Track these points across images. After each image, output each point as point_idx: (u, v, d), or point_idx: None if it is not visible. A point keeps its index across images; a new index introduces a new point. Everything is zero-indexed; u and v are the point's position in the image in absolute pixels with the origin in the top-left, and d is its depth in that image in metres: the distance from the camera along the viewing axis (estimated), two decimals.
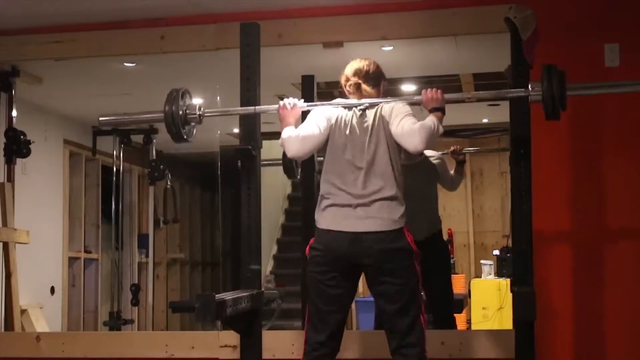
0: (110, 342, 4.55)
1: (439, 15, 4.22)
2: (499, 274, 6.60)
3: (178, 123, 3.13)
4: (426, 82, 6.00)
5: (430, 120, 3.02)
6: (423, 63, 5.32)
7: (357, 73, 3.21)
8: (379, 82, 3.24)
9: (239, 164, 3.49)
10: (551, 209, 3.97)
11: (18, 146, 5.10)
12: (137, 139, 7.11)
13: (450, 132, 7.89)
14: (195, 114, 3.19)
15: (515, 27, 3.27)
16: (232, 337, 4.07)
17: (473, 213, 7.99)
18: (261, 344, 3.39)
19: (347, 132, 3.09)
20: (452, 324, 4.67)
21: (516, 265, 3.27)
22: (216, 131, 5.03)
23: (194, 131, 3.24)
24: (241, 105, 3.46)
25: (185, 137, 3.19)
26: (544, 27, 3.50)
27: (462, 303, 5.88)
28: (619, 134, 4.04)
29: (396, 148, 3.07)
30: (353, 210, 3.01)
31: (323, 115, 3.15)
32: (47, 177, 6.31)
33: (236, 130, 3.59)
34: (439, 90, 3.11)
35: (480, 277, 6.81)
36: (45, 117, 6.21)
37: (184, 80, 5.58)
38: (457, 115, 7.28)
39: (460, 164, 4.72)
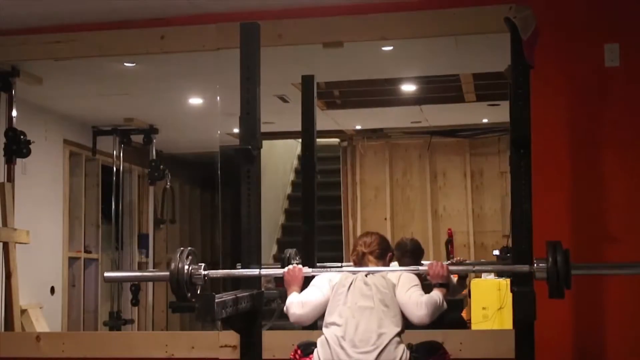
0: (110, 342, 4.55)
1: (439, 15, 4.22)
2: (499, 274, 6.59)
3: (183, 286, 3.15)
4: (426, 82, 6.02)
5: (436, 295, 3.09)
6: (423, 63, 5.32)
7: (364, 244, 3.36)
8: (384, 255, 3.37)
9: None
10: (551, 210, 3.97)
11: (18, 146, 5.10)
12: (137, 139, 7.11)
13: (451, 132, 7.93)
14: (200, 274, 3.20)
15: (515, 27, 3.26)
16: (232, 337, 4.08)
17: (473, 213, 8.00)
18: (261, 344, 3.38)
19: (351, 286, 3.14)
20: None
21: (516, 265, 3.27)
22: (216, 131, 5.03)
23: (199, 291, 3.27)
24: (241, 106, 3.44)
25: (191, 299, 3.22)
26: (544, 27, 3.50)
27: (462, 303, 5.88)
28: (620, 135, 4.04)
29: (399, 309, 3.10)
30: (351, 353, 2.99)
31: (326, 278, 3.24)
32: (47, 177, 6.31)
33: (236, 130, 3.58)
34: (444, 266, 3.17)
35: (480, 277, 6.80)
36: (45, 117, 6.21)
37: (184, 80, 5.64)
38: (457, 115, 7.31)
39: (463, 278, 4.75)
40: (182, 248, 3.22)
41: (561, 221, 4.03)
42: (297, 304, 3.18)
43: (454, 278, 4.71)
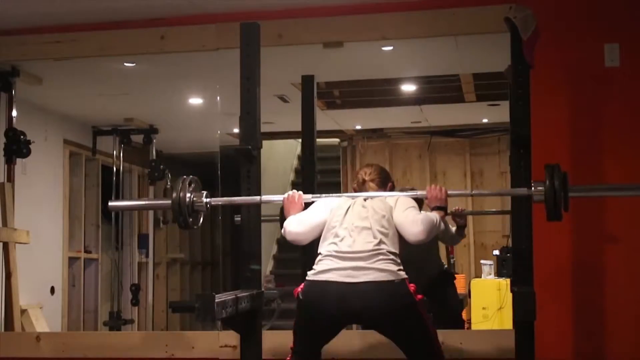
0: (110, 342, 4.55)
1: (439, 15, 4.22)
2: (499, 274, 6.59)
3: (185, 213, 3.15)
4: (426, 82, 6.01)
5: (433, 215, 3.08)
6: (423, 63, 5.32)
7: (365, 172, 3.35)
8: (385, 183, 3.35)
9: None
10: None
11: (18, 146, 5.10)
12: (137, 139, 7.11)
13: (451, 132, 7.93)
14: (202, 202, 3.20)
15: (515, 27, 3.26)
16: (232, 337, 4.08)
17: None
18: (261, 344, 3.38)
19: (350, 208, 3.14)
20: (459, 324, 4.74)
21: (516, 265, 3.27)
22: (216, 131, 5.04)
23: (201, 219, 3.27)
24: (241, 106, 3.45)
25: (192, 226, 3.22)
26: (544, 27, 3.50)
27: (462, 303, 5.88)
28: (621, 134, 4.04)
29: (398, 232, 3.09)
30: (350, 261, 2.99)
31: (324, 203, 3.22)
32: (47, 177, 6.31)
33: (236, 130, 3.59)
34: (443, 189, 3.16)
35: (480, 277, 6.80)
36: (45, 117, 6.21)
37: (184, 80, 5.64)
38: (457, 115, 7.31)
39: (462, 227, 4.76)
40: (184, 177, 3.20)
41: (561, 222, 4.03)
42: (295, 222, 3.15)
43: (453, 228, 4.72)
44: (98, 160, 7.09)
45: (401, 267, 3.02)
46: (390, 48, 4.69)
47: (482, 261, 6.92)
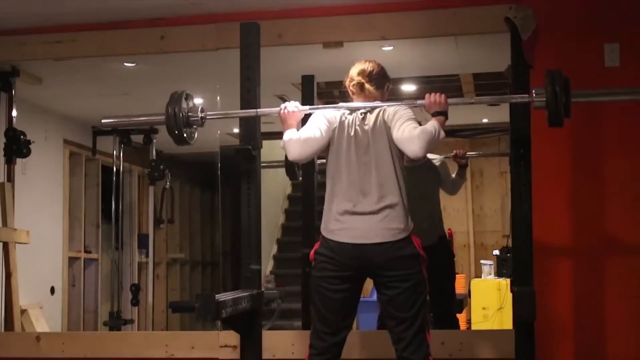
0: (110, 342, 4.55)
1: (439, 15, 4.22)
2: (499, 274, 6.59)
3: (180, 125, 3.11)
4: (426, 82, 6.01)
5: (431, 125, 2.98)
6: (423, 63, 5.32)
7: (361, 73, 3.19)
8: (382, 83, 3.21)
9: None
10: (551, 212, 3.97)
11: (18, 146, 5.10)
12: (137, 139, 7.11)
13: (450, 132, 7.89)
14: (197, 116, 3.17)
15: (515, 27, 3.27)
16: (232, 337, 4.07)
17: (473, 213, 7.99)
18: (261, 344, 3.39)
19: (350, 134, 3.08)
20: (454, 324, 4.68)
21: (516, 265, 3.27)
22: (216, 131, 5.03)
23: (196, 134, 3.23)
24: (241, 106, 3.46)
25: (187, 140, 3.17)
26: (544, 27, 3.50)
27: (462, 303, 5.88)
28: (620, 135, 4.04)
29: (399, 152, 3.05)
30: (359, 219, 3.00)
31: (325, 118, 3.13)
32: (47, 177, 6.31)
33: (236, 130, 3.59)
34: (442, 95, 3.07)
35: (480, 277, 6.80)
36: (45, 117, 6.21)
37: (184, 80, 5.62)
38: (457, 115, 7.27)
39: (463, 167, 4.73)
40: (177, 91, 3.16)
41: (562, 218, 4.03)
42: (296, 141, 3.08)
43: (453, 174, 4.71)
44: (98, 160, 7.09)
45: (409, 219, 3.02)
46: (390, 48, 4.69)
47: (482, 261, 6.93)
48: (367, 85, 3.16)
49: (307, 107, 3.23)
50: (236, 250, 3.48)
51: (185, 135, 3.14)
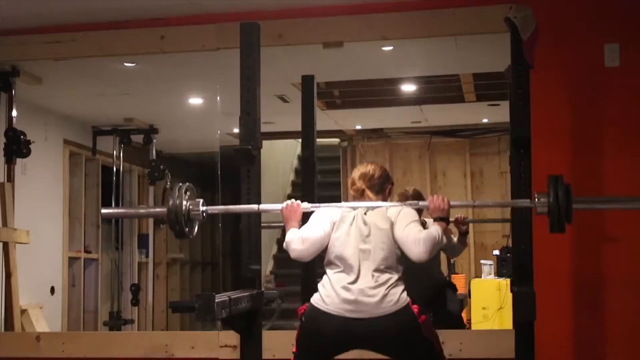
0: (110, 342, 4.55)
1: (439, 15, 4.22)
2: (499, 274, 6.60)
3: (182, 221, 3.11)
4: (426, 82, 6.01)
5: (435, 230, 3.02)
6: (423, 63, 5.32)
7: (362, 177, 3.25)
8: (383, 187, 3.27)
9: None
10: None
11: (18, 146, 5.10)
12: (137, 139, 7.11)
13: (451, 132, 7.93)
14: (198, 211, 3.16)
15: (515, 27, 3.26)
16: (232, 337, 4.08)
17: (473, 213, 7.98)
18: (261, 344, 3.38)
19: (351, 225, 3.10)
20: (460, 325, 4.74)
21: (516, 265, 3.27)
22: (216, 131, 5.04)
23: (196, 227, 3.23)
24: (241, 106, 3.44)
25: (188, 234, 3.19)
26: (544, 27, 3.50)
27: (462, 303, 5.88)
28: (620, 135, 4.04)
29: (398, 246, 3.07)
30: (354, 296, 2.98)
31: (326, 215, 3.16)
32: (47, 177, 6.31)
33: (236, 130, 3.58)
34: (445, 199, 3.11)
35: (480, 277, 6.81)
36: (45, 117, 6.21)
37: (184, 80, 5.64)
38: (457, 115, 7.31)
39: (464, 234, 4.75)
40: (180, 184, 3.16)
41: None
42: (298, 239, 3.10)
43: (454, 237, 4.73)
44: (98, 160, 7.09)
45: (403, 289, 3.01)
46: (390, 48, 4.69)
47: (482, 261, 6.93)
48: (367, 192, 3.23)
49: (309, 205, 3.25)
50: (236, 250, 3.47)
51: (187, 229, 3.14)
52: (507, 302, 5.94)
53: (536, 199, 2.99)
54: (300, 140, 4.60)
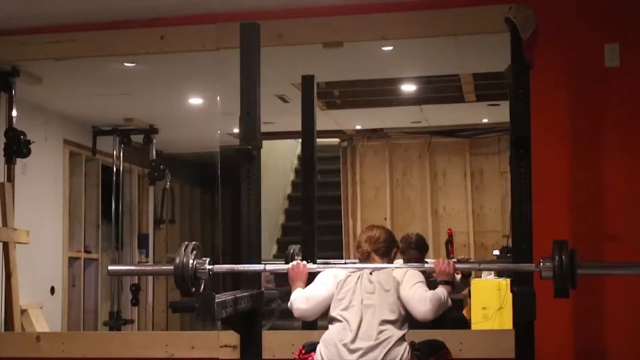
0: (110, 342, 4.55)
1: (439, 15, 4.22)
2: (499, 274, 6.59)
3: (187, 279, 3.11)
4: (426, 82, 6.01)
5: (441, 291, 3.08)
6: (423, 63, 5.32)
7: (369, 240, 3.31)
8: (389, 251, 3.33)
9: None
10: (551, 212, 3.97)
11: (18, 146, 5.10)
12: (137, 139, 7.11)
13: (451, 132, 7.93)
14: (204, 269, 3.16)
15: (515, 27, 3.26)
16: (232, 337, 4.08)
17: (473, 213, 7.99)
18: (261, 344, 3.38)
19: (356, 283, 3.13)
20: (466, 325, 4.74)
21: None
22: (216, 131, 5.03)
23: (203, 285, 3.24)
24: (241, 106, 3.44)
25: (194, 292, 3.19)
26: (544, 27, 3.50)
27: (462, 303, 5.88)
28: (621, 135, 4.04)
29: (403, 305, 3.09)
30: (354, 354, 2.99)
31: (331, 275, 3.21)
32: (47, 177, 6.31)
33: (236, 130, 3.59)
34: (451, 263, 3.16)
35: (480, 277, 6.80)
36: (45, 117, 6.21)
37: (184, 80, 5.64)
38: (458, 115, 7.31)
39: (467, 277, 4.77)
40: (186, 242, 3.18)
41: (561, 220, 4.03)
42: (302, 299, 3.17)
43: (457, 276, 4.73)
44: (98, 160, 7.09)
45: (407, 348, 3.03)
46: (390, 48, 4.69)
47: (488, 260, 6.92)
48: (373, 255, 3.29)
49: (315, 265, 3.33)
50: (236, 250, 3.47)
51: (193, 289, 3.14)
52: (507, 302, 5.93)
53: (541, 263, 2.99)
54: (300, 140, 4.60)
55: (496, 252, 6.79)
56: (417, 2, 4.27)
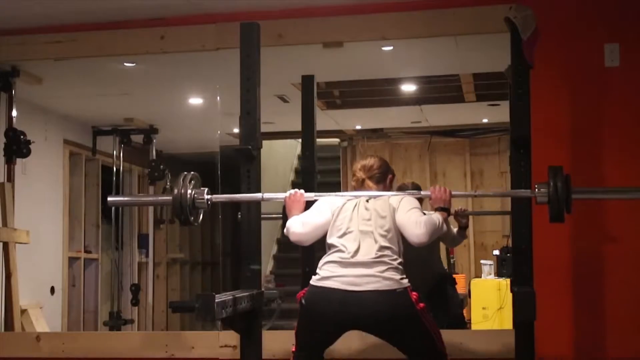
0: (110, 342, 4.55)
1: (439, 15, 4.22)
2: (499, 274, 6.59)
3: (186, 209, 3.14)
4: (426, 82, 6.01)
5: (436, 217, 3.07)
6: (423, 63, 5.32)
7: (362, 168, 3.31)
8: (384, 178, 3.31)
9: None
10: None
11: (18, 146, 5.10)
12: (137, 139, 7.11)
13: (451, 132, 7.93)
14: (203, 199, 3.18)
15: (515, 27, 3.27)
16: (232, 337, 4.08)
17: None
18: (261, 344, 3.38)
19: (352, 210, 3.14)
20: (463, 324, 4.75)
21: (516, 265, 3.27)
22: (216, 131, 5.03)
23: (201, 215, 3.25)
24: (241, 106, 3.45)
25: (193, 222, 3.21)
26: (544, 27, 3.50)
27: (462, 303, 5.88)
28: (621, 135, 4.04)
29: (400, 233, 3.09)
30: (352, 269, 3.00)
31: (328, 203, 3.20)
32: (47, 177, 6.31)
33: (236, 130, 3.59)
34: (447, 190, 3.16)
35: (480, 277, 6.80)
36: (45, 117, 6.21)
37: (184, 80, 5.64)
38: (457, 115, 7.31)
39: (463, 228, 4.76)
40: (185, 173, 3.19)
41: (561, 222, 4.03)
42: (298, 223, 3.15)
43: (455, 229, 4.74)
44: (98, 160, 7.09)
45: (404, 276, 3.03)
46: (390, 48, 4.69)
47: (482, 261, 6.93)
48: (367, 182, 3.27)
49: (312, 194, 3.30)
50: (236, 250, 3.47)
51: (191, 218, 3.16)
52: (507, 302, 5.93)
53: (536, 189, 3.04)
54: (300, 140, 4.60)
55: (496, 252, 6.79)
56: (417, 2, 4.27)
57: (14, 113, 5.15)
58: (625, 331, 3.96)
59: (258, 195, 3.30)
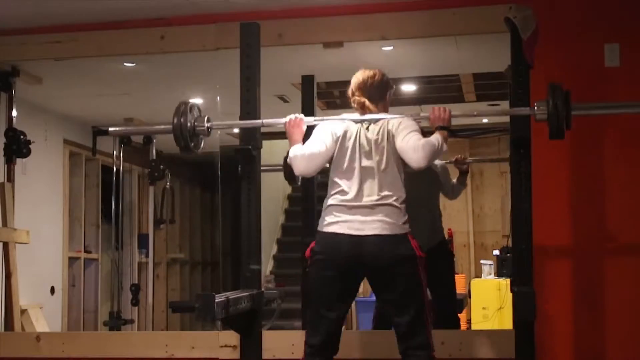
0: (110, 342, 4.55)
1: (439, 15, 4.22)
2: (499, 274, 6.60)
3: (187, 136, 3.15)
4: (426, 82, 6.01)
5: (435, 138, 3.06)
6: (423, 63, 5.32)
7: (361, 87, 3.27)
8: (384, 94, 3.28)
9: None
10: (551, 212, 3.97)
11: (18, 146, 5.09)
12: (137, 139, 7.10)
13: (451, 132, 7.91)
14: (203, 126, 3.20)
15: (515, 27, 3.27)
16: (232, 337, 4.08)
17: (473, 213, 7.99)
18: (261, 344, 3.39)
19: (353, 142, 3.13)
20: (456, 324, 4.69)
21: (516, 265, 3.27)
22: (216, 131, 5.03)
23: (202, 143, 3.27)
24: (241, 106, 3.45)
25: (193, 149, 3.22)
26: (544, 27, 3.50)
27: (462, 303, 5.88)
28: (621, 135, 4.04)
29: (400, 160, 3.10)
30: (357, 213, 3.04)
31: (329, 130, 3.19)
32: (47, 177, 6.31)
33: (236, 130, 3.59)
34: (446, 110, 3.16)
35: (480, 277, 6.81)
36: (45, 117, 6.21)
37: (184, 81, 5.64)
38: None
39: (463, 174, 4.73)
40: (184, 101, 3.20)
41: (561, 223, 4.03)
42: (301, 157, 3.14)
43: (454, 180, 4.73)
44: (98, 160, 7.08)
45: (406, 219, 3.06)
46: (390, 48, 4.69)
47: (482, 261, 6.93)
48: (367, 103, 3.24)
49: (312, 118, 3.29)
50: (236, 250, 3.48)
51: (192, 144, 3.17)
52: (507, 302, 5.94)
53: (536, 107, 3.03)
54: None
55: (496, 252, 6.80)
56: (417, 2, 4.27)
57: (14, 113, 5.15)
58: (625, 331, 3.95)
59: (258, 122, 3.32)
